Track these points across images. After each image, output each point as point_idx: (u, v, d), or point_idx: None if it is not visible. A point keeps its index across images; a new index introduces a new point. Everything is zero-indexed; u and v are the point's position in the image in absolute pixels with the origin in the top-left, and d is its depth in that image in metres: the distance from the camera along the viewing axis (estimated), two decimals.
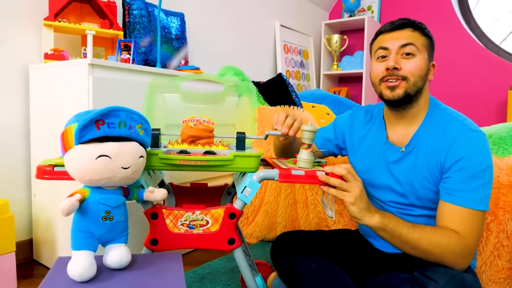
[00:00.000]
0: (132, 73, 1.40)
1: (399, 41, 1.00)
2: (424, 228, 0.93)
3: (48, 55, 1.43)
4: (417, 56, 0.99)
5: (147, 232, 0.96)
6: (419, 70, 0.99)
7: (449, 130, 0.98)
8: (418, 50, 0.99)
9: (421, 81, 1.00)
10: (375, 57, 1.06)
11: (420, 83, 1.00)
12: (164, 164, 0.91)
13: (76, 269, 0.73)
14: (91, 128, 0.74)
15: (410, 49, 0.99)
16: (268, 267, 1.30)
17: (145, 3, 1.81)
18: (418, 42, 1.00)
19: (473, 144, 0.95)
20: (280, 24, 3.03)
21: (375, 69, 1.05)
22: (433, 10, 3.23)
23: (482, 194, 0.92)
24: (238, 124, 1.20)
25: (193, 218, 0.93)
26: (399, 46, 0.99)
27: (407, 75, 0.99)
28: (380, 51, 1.03)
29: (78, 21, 1.58)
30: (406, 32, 1.01)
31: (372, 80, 1.07)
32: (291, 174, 0.92)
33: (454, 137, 0.96)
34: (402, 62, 0.99)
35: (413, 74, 0.99)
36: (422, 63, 1.00)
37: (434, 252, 0.92)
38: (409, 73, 0.99)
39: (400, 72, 0.99)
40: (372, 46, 1.09)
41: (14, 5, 1.49)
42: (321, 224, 1.75)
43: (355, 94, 3.61)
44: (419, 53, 0.99)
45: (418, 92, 1.02)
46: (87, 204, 0.77)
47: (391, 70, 0.99)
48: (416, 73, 0.99)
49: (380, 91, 1.05)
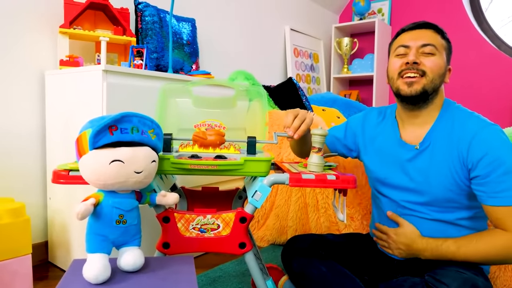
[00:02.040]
0: (144, 79, 1.42)
1: (420, 40, 1.02)
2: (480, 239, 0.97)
3: (64, 61, 1.46)
4: (436, 55, 1.01)
5: (159, 236, 0.98)
6: (439, 68, 1.01)
7: (467, 124, 0.99)
8: (438, 50, 1.02)
9: (439, 79, 1.02)
10: (394, 54, 1.07)
11: (437, 81, 1.01)
12: (175, 168, 0.93)
13: (91, 271, 0.75)
14: (105, 134, 0.75)
15: (430, 49, 1.01)
16: (279, 271, 1.31)
17: (157, 9, 1.84)
18: (438, 43, 1.02)
19: (495, 138, 0.95)
20: (290, 28, 3.04)
21: (393, 64, 1.06)
22: (445, 12, 3.21)
23: None
24: (249, 128, 1.21)
25: (205, 222, 0.94)
26: (420, 45, 1.02)
27: (426, 71, 1.00)
28: (400, 49, 1.04)
29: (92, 28, 1.61)
30: (427, 32, 1.03)
31: (389, 75, 1.08)
32: (301, 178, 0.92)
33: (473, 131, 0.96)
34: (422, 58, 1.02)
35: (432, 70, 1.00)
36: (441, 62, 1.02)
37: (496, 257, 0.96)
38: (429, 68, 1.00)
39: (420, 67, 1.01)
40: (392, 44, 1.10)
41: (30, 13, 1.53)
42: (332, 228, 1.75)
43: (365, 97, 3.59)
44: (438, 53, 1.02)
45: (434, 92, 1.03)
46: (101, 208, 0.79)
47: (411, 65, 1.01)
48: (435, 70, 1.01)
49: (397, 87, 1.05)
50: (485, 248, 0.95)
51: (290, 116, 1.04)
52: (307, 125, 1.02)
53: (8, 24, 1.47)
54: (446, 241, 0.99)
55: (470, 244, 0.96)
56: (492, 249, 0.95)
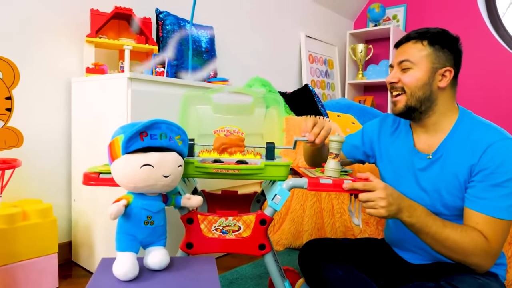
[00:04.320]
0: (166, 86, 1.48)
1: (398, 58, 1.08)
2: (455, 228, 0.95)
3: (89, 69, 1.53)
4: (413, 68, 1.05)
5: (179, 237, 1.02)
6: (416, 80, 1.04)
7: (484, 135, 0.99)
8: (413, 63, 1.04)
9: (420, 91, 1.04)
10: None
11: (419, 93, 1.04)
12: (199, 172, 0.97)
13: (121, 269, 0.80)
14: (136, 140, 0.80)
15: (405, 64, 1.06)
16: (295, 274, 1.34)
17: (177, 18, 1.90)
18: (414, 56, 1.04)
19: (509, 151, 0.96)
20: (305, 35, 3.08)
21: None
22: (461, 17, 3.20)
23: (507, 203, 0.94)
24: (267, 133, 1.25)
25: (226, 224, 0.98)
26: (398, 62, 1.08)
27: (404, 87, 1.06)
28: (390, 67, 1.13)
29: (116, 37, 1.68)
30: (406, 46, 1.07)
31: None
32: (319, 182, 0.96)
33: (490, 141, 0.97)
34: (401, 74, 1.07)
35: (408, 85, 1.05)
36: (420, 75, 1.04)
37: (459, 252, 0.95)
38: (406, 84, 1.06)
39: (398, 85, 1.07)
40: None
41: (58, 23, 1.61)
42: (347, 232, 1.77)
43: (380, 102, 3.60)
44: (414, 65, 1.04)
45: (426, 101, 1.05)
46: (130, 209, 0.83)
47: (391, 84, 1.09)
48: (413, 84, 1.04)
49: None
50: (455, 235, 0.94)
51: (309, 122, 1.07)
52: (326, 131, 1.06)
53: (38, 34, 1.55)
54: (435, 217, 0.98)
55: (453, 231, 0.95)
56: (460, 238, 0.93)
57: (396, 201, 0.94)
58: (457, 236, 0.93)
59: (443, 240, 0.94)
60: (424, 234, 0.96)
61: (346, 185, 0.95)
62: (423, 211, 0.97)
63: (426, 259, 1.11)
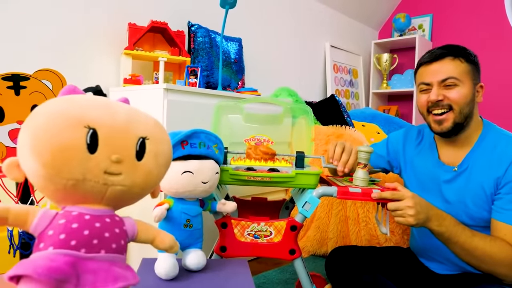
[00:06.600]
0: (198, 96, 1.55)
1: (439, 75, 1.03)
2: (483, 238, 0.96)
3: (127, 79, 1.62)
4: (459, 85, 1.02)
5: (211, 241, 1.07)
6: (464, 98, 1.02)
7: (510, 148, 1.01)
8: (460, 80, 1.02)
9: (467, 107, 1.03)
10: (418, 89, 1.11)
11: (466, 110, 1.03)
12: (233, 179, 1.03)
13: (162, 268, 0.85)
14: (178, 148, 0.87)
15: (450, 81, 1.02)
16: (322, 280, 1.37)
17: (208, 31, 1.98)
18: (458, 72, 1.02)
19: None
20: (330, 45, 3.12)
21: (420, 99, 1.10)
22: (488, 26, 3.17)
23: None
24: (295, 142, 1.29)
25: (258, 229, 1.03)
26: (440, 80, 1.03)
27: (452, 104, 1.03)
28: (422, 85, 1.08)
29: (151, 49, 1.77)
30: (445, 63, 1.03)
31: (419, 110, 1.12)
32: (348, 191, 0.99)
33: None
34: (445, 92, 1.03)
35: (458, 102, 1.02)
36: (466, 91, 1.03)
37: (488, 262, 0.96)
38: (454, 101, 1.02)
39: (444, 102, 1.03)
40: (415, 77, 1.14)
41: (97, 36, 1.71)
42: (373, 241, 1.79)
43: (405, 112, 3.59)
44: (461, 82, 1.02)
45: (468, 117, 1.05)
46: (171, 212, 0.90)
47: (437, 102, 1.04)
48: (462, 101, 1.02)
49: (429, 123, 1.10)
50: (484, 245, 0.95)
51: (338, 148, 1.08)
52: (354, 159, 1.07)
53: (79, 46, 1.66)
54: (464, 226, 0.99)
55: (482, 242, 0.96)
56: (489, 248, 0.95)
57: (424, 209, 0.96)
58: (486, 246, 0.95)
59: (472, 250, 0.96)
60: (453, 243, 0.97)
61: (375, 194, 0.98)
62: (451, 220, 0.98)
63: (452, 269, 1.12)
